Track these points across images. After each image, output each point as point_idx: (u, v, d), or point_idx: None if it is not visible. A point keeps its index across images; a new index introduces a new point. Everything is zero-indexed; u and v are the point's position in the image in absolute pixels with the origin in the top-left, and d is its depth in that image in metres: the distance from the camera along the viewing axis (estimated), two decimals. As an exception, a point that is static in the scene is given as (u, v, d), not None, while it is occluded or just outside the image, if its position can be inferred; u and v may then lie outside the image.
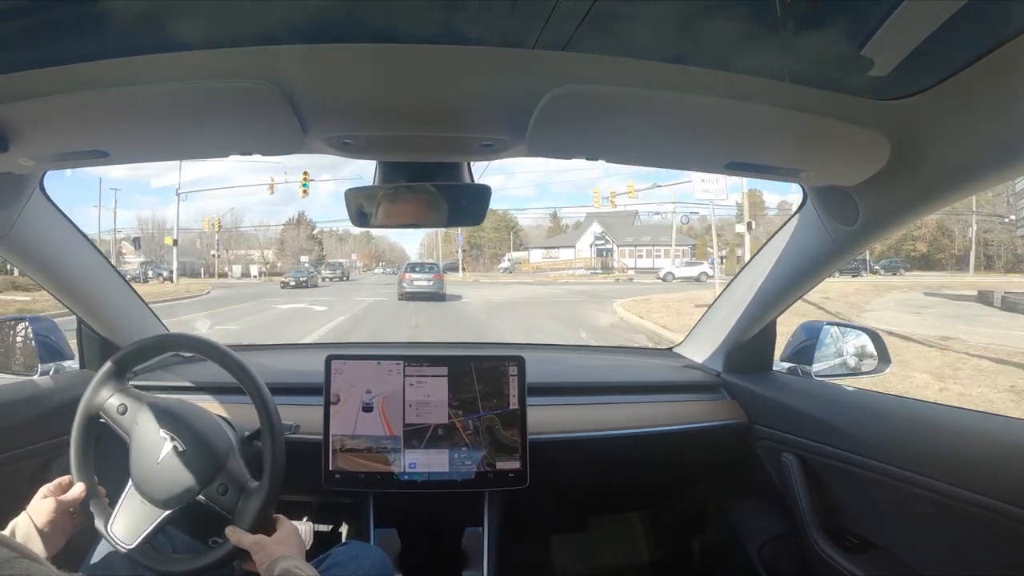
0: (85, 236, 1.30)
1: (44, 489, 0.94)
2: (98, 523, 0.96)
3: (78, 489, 0.95)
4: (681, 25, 0.69)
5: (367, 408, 1.27)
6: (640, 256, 38.76)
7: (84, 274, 1.32)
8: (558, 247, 42.54)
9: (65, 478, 0.97)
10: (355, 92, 0.79)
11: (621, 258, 38.95)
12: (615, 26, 0.68)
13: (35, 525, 0.88)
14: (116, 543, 0.94)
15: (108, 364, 1.02)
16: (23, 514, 0.89)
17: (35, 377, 1.37)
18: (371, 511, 1.32)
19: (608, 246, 39.69)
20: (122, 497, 0.97)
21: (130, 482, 0.97)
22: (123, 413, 1.00)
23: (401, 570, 1.25)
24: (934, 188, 0.89)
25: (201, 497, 0.94)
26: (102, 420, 1.01)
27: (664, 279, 28.20)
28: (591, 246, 40.09)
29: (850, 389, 1.34)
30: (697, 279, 27.20)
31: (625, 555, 1.80)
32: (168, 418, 0.97)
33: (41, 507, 0.90)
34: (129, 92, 0.75)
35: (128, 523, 0.95)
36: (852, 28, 0.65)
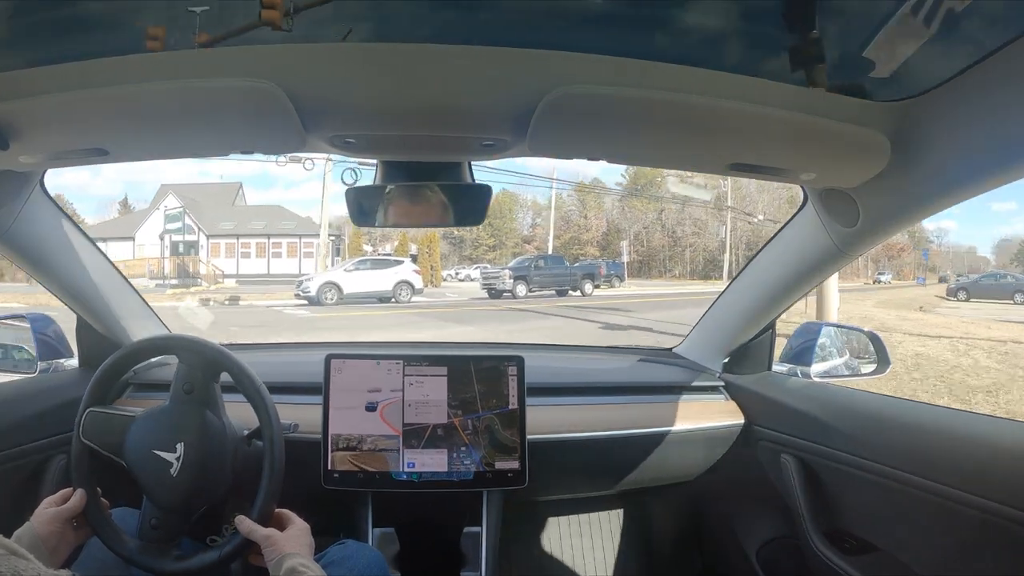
0: (85, 234, 1.30)
1: (47, 500, 0.92)
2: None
3: (77, 499, 0.93)
4: (683, 26, 0.69)
5: (370, 408, 1.27)
6: (247, 254, 22.94)
7: (84, 272, 1.32)
8: (106, 239, 21.25)
9: (68, 489, 0.95)
10: (357, 92, 0.79)
11: (214, 257, 22.29)
12: (617, 27, 0.68)
13: (39, 536, 0.86)
14: (80, 422, 0.97)
15: (218, 351, 1.01)
16: (27, 524, 0.88)
17: (34, 375, 1.37)
18: (370, 510, 1.32)
19: (191, 237, 22.30)
20: (121, 412, 0.99)
21: (134, 418, 0.98)
22: (187, 392, 0.98)
23: (399, 569, 1.25)
24: (934, 190, 0.89)
25: (143, 496, 0.96)
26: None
27: (317, 300, 13.35)
28: (162, 236, 22.14)
29: (850, 391, 1.34)
30: (391, 298, 14.01)
31: (623, 555, 1.80)
32: (199, 447, 0.95)
33: (44, 518, 0.89)
34: (130, 90, 0.75)
35: (99, 426, 0.97)
36: (854, 30, 0.66)
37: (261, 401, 0.98)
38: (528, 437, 1.28)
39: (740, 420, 1.47)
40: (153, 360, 1.50)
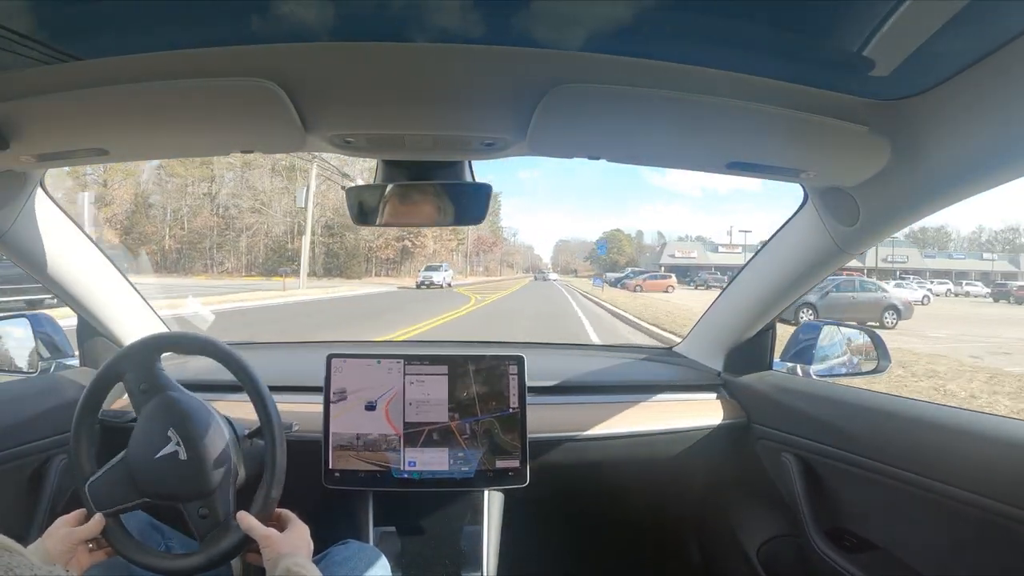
0: (87, 234, 1.30)
1: (61, 520, 0.91)
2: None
3: (94, 523, 0.91)
4: (683, 24, 0.69)
5: (370, 407, 1.27)
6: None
7: (85, 272, 1.32)
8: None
9: (82, 511, 0.93)
10: (356, 91, 0.79)
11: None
12: (616, 25, 0.68)
13: (50, 555, 0.85)
14: (88, 501, 0.93)
15: (143, 341, 0.99)
16: (38, 541, 0.86)
17: (35, 375, 1.37)
18: (371, 510, 1.32)
19: None
20: (113, 461, 0.96)
21: (125, 452, 0.95)
22: (144, 391, 0.97)
23: (400, 569, 1.25)
24: (934, 189, 0.89)
25: (180, 508, 0.94)
26: (108, 419, 0.99)
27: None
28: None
29: (850, 388, 1.34)
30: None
31: (624, 553, 1.80)
32: (184, 421, 0.95)
33: (56, 537, 0.88)
34: (131, 90, 0.75)
35: (107, 489, 0.94)
36: (854, 29, 0.66)
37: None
38: (529, 436, 1.28)
39: (741, 418, 1.47)
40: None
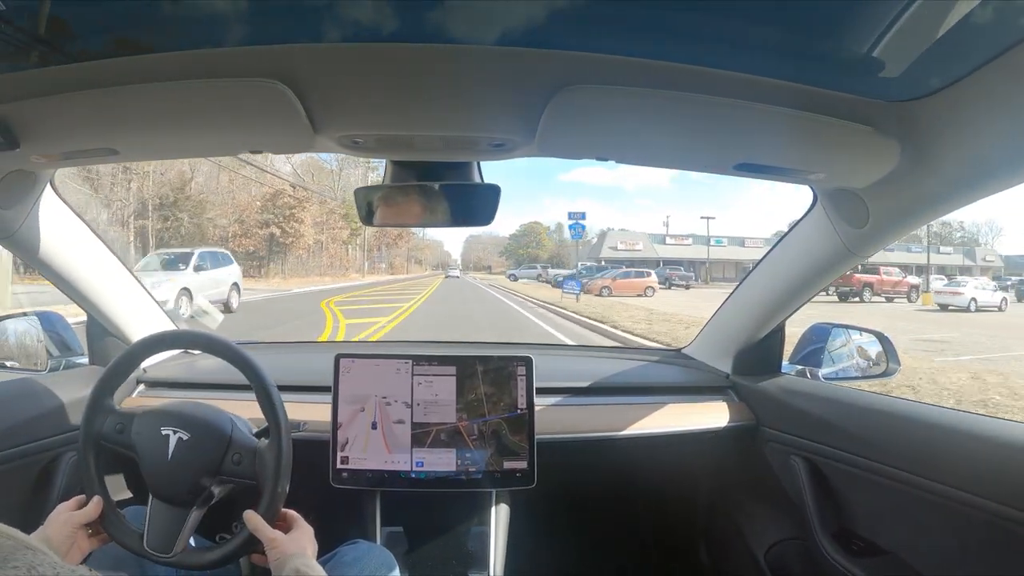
0: (96, 233, 1.31)
1: (61, 506, 0.92)
2: (131, 543, 0.94)
3: (92, 506, 0.92)
4: (692, 25, 0.69)
5: (373, 427, 1.28)
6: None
7: (94, 271, 1.33)
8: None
9: (82, 496, 0.94)
10: (365, 91, 0.79)
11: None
12: (626, 26, 0.68)
13: (52, 541, 0.86)
14: (156, 557, 0.92)
15: (91, 394, 1.00)
16: (39, 530, 0.88)
17: (44, 373, 1.38)
18: (378, 509, 1.32)
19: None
20: (147, 512, 0.95)
21: (151, 496, 0.96)
22: (121, 432, 0.98)
23: (407, 569, 1.25)
24: (944, 190, 0.88)
25: (223, 477, 0.95)
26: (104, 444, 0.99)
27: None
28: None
29: (859, 392, 1.33)
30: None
31: (631, 556, 1.79)
32: (163, 416, 0.97)
33: (57, 523, 0.89)
34: (140, 90, 0.75)
35: (161, 534, 0.94)
36: (864, 29, 0.65)
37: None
38: (537, 437, 1.28)
39: (749, 421, 1.46)
40: (162, 357, 1.53)
